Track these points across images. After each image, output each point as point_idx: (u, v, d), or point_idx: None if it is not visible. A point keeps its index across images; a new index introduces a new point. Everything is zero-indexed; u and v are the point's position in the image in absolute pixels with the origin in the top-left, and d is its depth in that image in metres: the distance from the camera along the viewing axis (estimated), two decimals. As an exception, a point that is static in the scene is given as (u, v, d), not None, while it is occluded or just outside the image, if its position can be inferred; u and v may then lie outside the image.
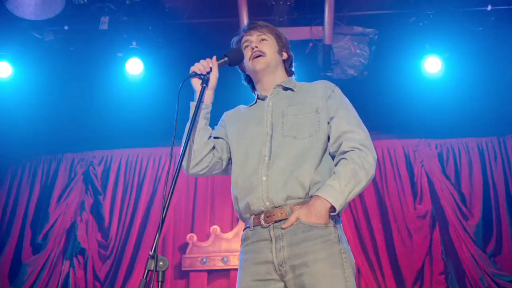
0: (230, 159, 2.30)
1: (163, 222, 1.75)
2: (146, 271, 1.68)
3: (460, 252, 5.14)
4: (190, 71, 2.23)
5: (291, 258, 1.95)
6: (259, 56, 2.28)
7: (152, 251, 1.76)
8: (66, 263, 5.28)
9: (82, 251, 5.29)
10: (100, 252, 5.30)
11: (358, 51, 5.67)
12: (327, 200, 1.95)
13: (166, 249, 5.34)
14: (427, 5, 5.32)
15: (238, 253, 5.10)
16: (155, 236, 1.74)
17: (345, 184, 1.97)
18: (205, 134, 2.24)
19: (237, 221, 5.44)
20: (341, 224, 2.09)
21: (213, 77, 2.22)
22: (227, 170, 2.34)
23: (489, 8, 5.24)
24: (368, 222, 5.34)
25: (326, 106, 2.18)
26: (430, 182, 5.48)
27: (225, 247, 5.27)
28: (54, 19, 5.22)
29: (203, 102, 2.24)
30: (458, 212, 5.32)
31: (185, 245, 5.34)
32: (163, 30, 5.42)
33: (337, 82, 2.33)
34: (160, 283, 1.74)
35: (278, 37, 2.40)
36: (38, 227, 5.46)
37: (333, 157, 2.14)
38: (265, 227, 2.03)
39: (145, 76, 5.32)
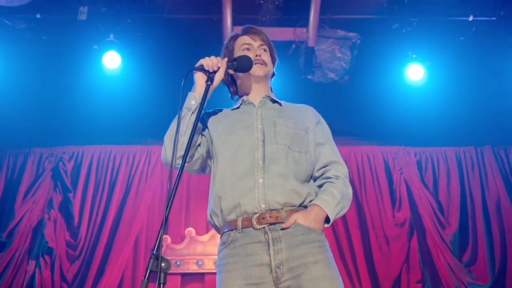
0: (208, 157, 2.33)
1: (166, 221, 1.73)
2: (148, 271, 1.66)
3: (437, 261, 5.26)
4: (198, 64, 2.23)
5: (290, 260, 2.00)
6: (261, 63, 2.35)
7: (155, 250, 1.73)
8: (32, 263, 5.16)
9: (50, 251, 5.17)
10: (68, 252, 5.19)
11: (339, 55, 5.75)
12: (324, 210, 2.12)
13: (138, 250, 5.29)
14: (410, 12, 5.44)
15: (213, 257, 5.12)
16: (158, 236, 1.72)
17: (336, 203, 2.16)
18: (199, 130, 2.28)
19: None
20: None
21: (218, 77, 2.23)
22: (203, 168, 2.38)
23: (470, 18, 5.39)
24: (346, 229, 5.41)
25: (315, 130, 2.33)
26: (409, 190, 5.59)
27: (200, 250, 5.25)
28: (26, 6, 5.12)
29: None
30: (436, 220, 5.45)
31: (159, 247, 5.27)
32: (142, 23, 5.38)
33: (318, 86, 2.43)
34: (161, 285, 1.72)
35: (272, 53, 2.49)
36: (2, 224, 5.32)
37: (314, 180, 2.30)
38: (257, 229, 2.06)
39: (123, 71, 5.27)
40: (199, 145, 2.28)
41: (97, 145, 5.75)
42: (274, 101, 2.39)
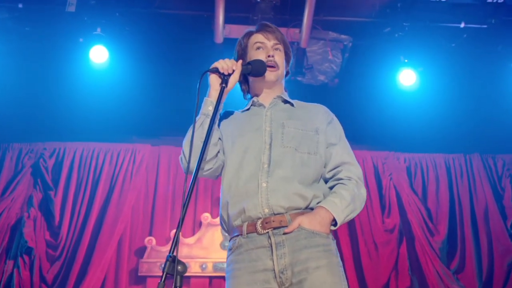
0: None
1: (182, 223, 1.73)
2: (164, 274, 1.66)
3: (425, 268, 5.36)
4: (212, 66, 2.23)
5: (293, 265, 2.01)
6: (273, 66, 2.32)
7: (172, 253, 1.73)
8: (10, 263, 5.07)
9: (29, 251, 5.09)
10: (48, 253, 5.12)
11: (330, 57, 5.80)
12: (330, 213, 2.10)
13: (121, 252, 5.25)
14: (403, 16, 5.52)
15: (200, 260, 5.12)
16: (174, 238, 1.74)
17: (345, 205, 2.14)
18: (217, 134, 2.26)
19: (199, 226, 5.42)
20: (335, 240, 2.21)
21: (233, 80, 2.23)
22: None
23: (462, 25, 5.50)
24: (335, 234, 5.43)
25: (326, 130, 2.30)
26: (398, 196, 5.68)
27: (186, 252, 5.23)
28: (8, -5, 5.06)
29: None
30: (425, 227, 5.55)
31: (143, 249, 5.26)
32: (131, 18, 5.35)
33: (307, 88, 2.43)
34: None
35: (287, 51, 2.45)
36: (-22, 222, 5.21)
37: (325, 181, 2.29)
38: (261, 234, 2.08)
39: (110, 66, 5.23)
40: (218, 151, 2.27)
41: (80, 142, 5.69)
42: (286, 102, 2.38)
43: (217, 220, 5.41)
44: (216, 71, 2.22)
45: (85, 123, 5.56)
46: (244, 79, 2.44)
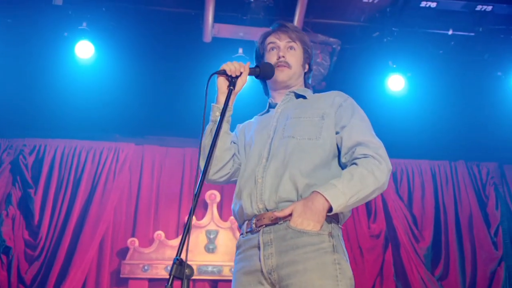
0: None
1: (189, 227, 1.73)
2: (171, 277, 1.65)
3: (410, 274, 5.44)
4: (221, 68, 2.21)
5: (279, 267, 1.95)
6: (284, 66, 2.32)
7: (179, 255, 1.72)
8: (-13, 262, 4.97)
9: (7, 250, 5.02)
10: (27, 252, 5.06)
11: (319, 60, 5.85)
12: (324, 198, 1.92)
13: (103, 253, 5.21)
14: (392, 21, 5.59)
15: (183, 262, 5.09)
16: (182, 240, 1.69)
17: (348, 186, 1.95)
18: (228, 139, 2.26)
19: (183, 228, 5.38)
20: (340, 233, 2.06)
21: (241, 83, 2.22)
22: None
23: (450, 32, 5.59)
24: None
25: (335, 114, 2.19)
26: (384, 201, 5.75)
27: (169, 254, 5.22)
28: (-12, -15, 4.99)
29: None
30: (410, 233, 5.63)
31: (125, 250, 5.23)
32: (118, 13, 5.31)
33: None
34: None
35: (306, 48, 2.43)
36: (-47, 220, 5.11)
37: (343, 168, 2.13)
38: (255, 232, 2.05)
39: (96, 62, 5.20)
40: (233, 155, 2.29)
41: (61, 139, 5.63)
42: (299, 96, 2.35)
43: (202, 222, 5.42)
44: (224, 73, 2.21)
45: (67, 119, 5.50)
46: (262, 81, 2.45)
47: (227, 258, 5.27)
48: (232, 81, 2.20)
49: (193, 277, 5.12)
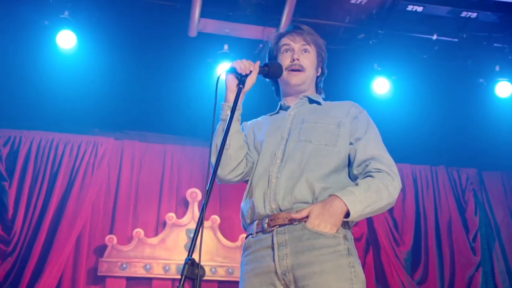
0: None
1: (201, 225, 1.74)
2: (183, 277, 1.66)
3: (390, 278, 5.55)
4: (230, 66, 2.24)
5: (295, 267, 1.99)
6: (297, 70, 2.34)
7: (191, 255, 1.73)
8: (-43, 257, 4.86)
9: (-21, 245, 4.91)
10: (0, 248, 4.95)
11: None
12: (344, 203, 1.98)
13: (80, 249, 5.15)
14: (378, 24, 5.68)
15: (163, 261, 5.12)
16: (193, 239, 1.72)
17: (365, 195, 2.01)
18: (240, 137, 2.28)
19: (163, 225, 5.39)
20: (352, 237, 2.15)
21: (250, 81, 2.23)
22: None
23: (434, 37, 5.72)
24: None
25: (350, 125, 2.26)
26: (365, 204, 5.81)
27: (148, 253, 5.20)
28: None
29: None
30: (391, 237, 5.74)
31: (103, 247, 5.18)
32: (102, 3, 5.27)
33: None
34: None
35: (319, 51, 2.47)
36: None
37: (354, 179, 2.20)
38: (267, 232, 2.07)
39: (77, 52, 5.15)
40: (246, 154, 2.30)
41: (38, 131, 5.54)
42: (312, 101, 2.39)
43: (183, 220, 5.41)
44: (233, 71, 2.23)
45: (44, 110, 5.44)
46: (273, 81, 2.48)
47: (207, 258, 5.28)
48: (242, 79, 2.21)
49: (172, 277, 5.14)
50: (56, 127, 5.59)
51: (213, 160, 2.20)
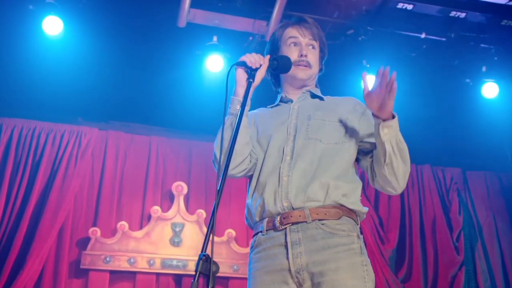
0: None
1: (213, 220, 1.76)
2: (198, 273, 1.69)
3: (375, 276, 5.60)
4: (240, 60, 2.23)
5: (310, 265, 2.03)
6: (305, 66, 2.37)
7: (205, 251, 1.75)
8: None
9: (-44, 236, 4.82)
10: (-22, 240, 4.88)
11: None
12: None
13: (62, 242, 5.10)
14: (368, 20, 5.75)
15: (147, 255, 5.11)
16: (207, 235, 1.73)
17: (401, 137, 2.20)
18: (247, 133, 2.28)
19: (148, 219, 5.38)
20: (363, 236, 2.23)
21: (260, 75, 2.24)
22: None
23: (423, 35, 5.81)
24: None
25: (359, 122, 2.31)
26: (351, 202, 5.89)
27: (133, 246, 5.19)
28: None
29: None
30: (376, 235, 5.83)
31: (86, 240, 5.15)
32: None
33: (263, 83, 2.49)
34: None
35: (322, 48, 2.50)
36: None
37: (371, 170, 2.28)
38: (279, 230, 2.11)
39: (63, 39, 5.10)
40: (251, 150, 2.30)
41: (19, 119, 5.45)
42: (314, 96, 2.42)
43: (168, 214, 5.40)
44: (243, 64, 2.23)
45: (27, 98, 5.37)
46: (272, 74, 2.49)
47: (192, 253, 5.29)
48: (252, 73, 2.22)
49: (157, 271, 5.14)
50: (39, 115, 5.51)
51: (218, 153, 2.18)
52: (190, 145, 5.83)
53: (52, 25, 4.98)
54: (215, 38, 5.59)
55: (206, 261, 1.73)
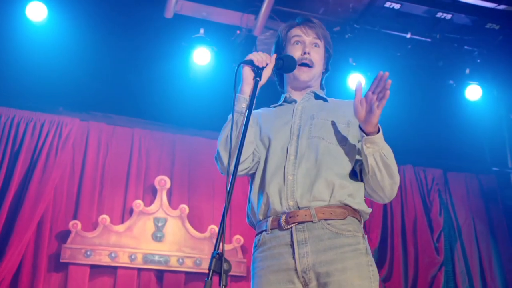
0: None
1: (224, 218, 1.80)
2: (211, 271, 1.73)
3: (357, 275, 5.69)
4: (247, 58, 2.28)
5: (316, 265, 2.09)
6: (307, 66, 2.42)
7: (217, 249, 1.80)
8: None
9: None
10: (-45, 230, 4.79)
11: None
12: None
13: (42, 234, 5.03)
14: (355, 18, 5.83)
15: (129, 250, 5.10)
16: (219, 233, 1.79)
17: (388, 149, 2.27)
18: (251, 131, 2.32)
19: (130, 213, 5.36)
20: (366, 237, 2.28)
21: (266, 74, 2.30)
22: None
23: (408, 35, 5.92)
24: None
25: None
26: (334, 202, 5.96)
27: (114, 241, 5.17)
28: None
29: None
30: (358, 234, 5.89)
31: (66, 233, 5.10)
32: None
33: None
34: (224, 286, 1.79)
35: (328, 47, 2.54)
36: None
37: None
38: (285, 229, 2.15)
39: (47, 26, 5.07)
40: (254, 149, 2.34)
41: (-3, 107, 5.36)
42: (318, 97, 2.48)
43: (150, 208, 5.39)
44: (250, 63, 2.27)
45: (6, 85, 5.31)
46: (277, 73, 2.54)
47: (174, 248, 5.29)
48: (258, 72, 2.26)
49: (138, 266, 5.13)
50: (18, 104, 5.42)
51: (222, 150, 2.24)
52: (174, 138, 5.81)
53: (36, 11, 4.95)
54: (202, 31, 5.61)
55: (219, 260, 1.77)
